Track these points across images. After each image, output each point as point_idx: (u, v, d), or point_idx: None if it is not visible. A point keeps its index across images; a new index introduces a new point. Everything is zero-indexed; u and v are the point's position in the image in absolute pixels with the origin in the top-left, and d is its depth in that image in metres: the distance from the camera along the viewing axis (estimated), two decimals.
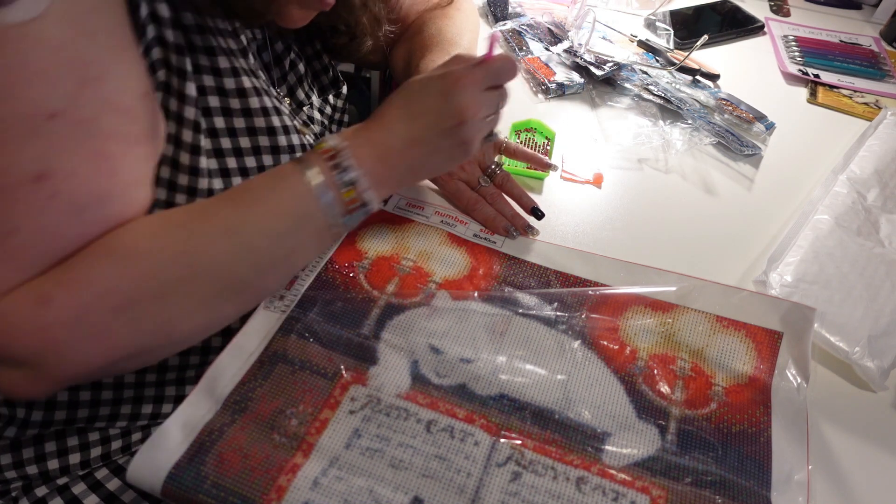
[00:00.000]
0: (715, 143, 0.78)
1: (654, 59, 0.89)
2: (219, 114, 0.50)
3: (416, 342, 0.50)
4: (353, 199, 0.45)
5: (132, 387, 0.54)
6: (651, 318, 0.54)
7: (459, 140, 0.46)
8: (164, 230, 0.41)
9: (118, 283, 0.38)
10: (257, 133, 0.52)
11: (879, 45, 1.01)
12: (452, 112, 0.45)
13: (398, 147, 0.46)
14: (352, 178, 0.44)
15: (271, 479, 0.41)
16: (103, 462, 0.54)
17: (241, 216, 0.43)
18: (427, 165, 0.49)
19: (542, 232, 0.62)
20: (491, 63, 0.47)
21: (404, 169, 0.48)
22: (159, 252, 0.40)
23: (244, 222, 0.43)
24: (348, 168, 0.44)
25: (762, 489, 0.43)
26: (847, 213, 0.65)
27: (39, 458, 0.52)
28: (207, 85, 0.49)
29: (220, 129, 0.50)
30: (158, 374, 0.55)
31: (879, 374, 0.51)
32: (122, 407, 0.54)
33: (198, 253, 0.41)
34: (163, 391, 0.56)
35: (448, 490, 0.41)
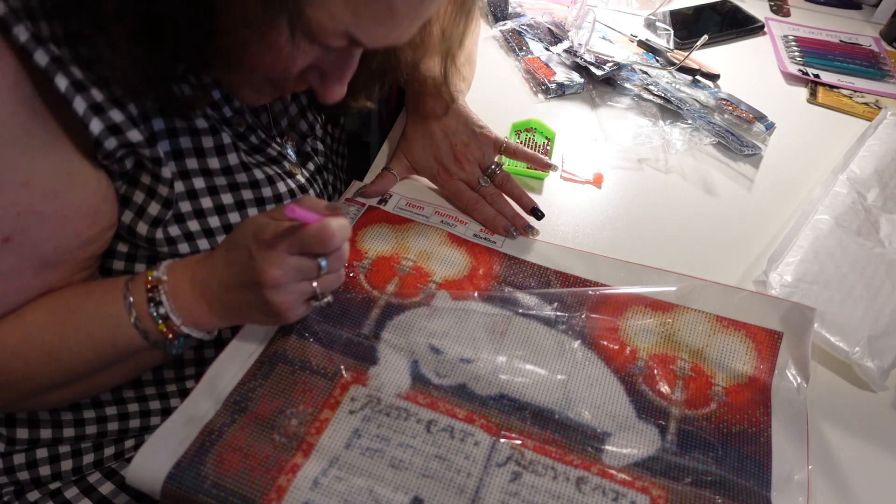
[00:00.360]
0: (715, 143, 0.78)
1: (654, 59, 0.89)
2: (197, 174, 0.49)
3: (416, 342, 0.50)
4: (167, 330, 0.45)
5: (112, 403, 0.54)
6: (651, 318, 0.54)
7: (263, 300, 0.43)
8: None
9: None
10: (240, 188, 0.52)
11: (879, 45, 1.01)
12: (253, 272, 0.42)
13: (215, 289, 0.45)
14: (163, 313, 0.44)
15: (271, 479, 0.41)
16: (96, 468, 0.54)
17: (63, 343, 0.44)
18: (244, 313, 0.46)
19: (542, 232, 0.62)
20: (296, 231, 0.42)
21: (223, 310, 0.46)
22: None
23: (66, 349, 0.44)
24: (161, 303, 0.44)
25: (762, 489, 0.43)
26: (847, 213, 0.65)
27: (31, 465, 0.52)
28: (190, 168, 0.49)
29: (200, 189, 0.50)
30: (136, 390, 0.55)
31: (879, 374, 0.51)
32: (109, 424, 0.55)
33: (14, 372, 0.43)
34: (147, 405, 0.56)
35: (448, 490, 0.41)
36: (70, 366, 0.44)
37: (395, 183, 0.65)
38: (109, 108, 0.40)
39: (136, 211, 0.47)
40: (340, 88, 0.46)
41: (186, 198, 0.49)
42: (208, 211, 0.50)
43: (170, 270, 0.46)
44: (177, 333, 0.45)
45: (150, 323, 0.44)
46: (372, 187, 0.63)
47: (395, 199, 0.64)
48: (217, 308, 0.46)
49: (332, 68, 0.45)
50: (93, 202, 0.44)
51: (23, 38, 0.36)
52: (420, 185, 0.67)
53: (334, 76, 0.45)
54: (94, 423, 0.54)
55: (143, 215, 0.47)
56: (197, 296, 0.45)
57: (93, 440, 0.54)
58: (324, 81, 0.46)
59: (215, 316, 0.46)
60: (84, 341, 0.44)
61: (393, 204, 0.63)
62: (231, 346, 0.48)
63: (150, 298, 0.44)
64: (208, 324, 0.46)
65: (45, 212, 0.41)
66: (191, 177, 0.48)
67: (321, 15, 0.37)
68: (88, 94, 0.39)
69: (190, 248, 0.49)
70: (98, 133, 0.40)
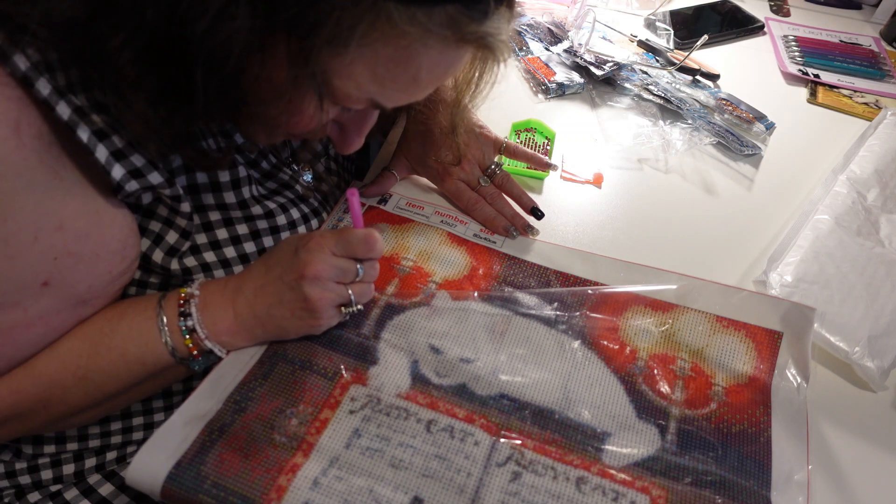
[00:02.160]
0: (715, 143, 0.78)
1: (654, 59, 0.89)
2: (213, 209, 0.50)
3: (416, 342, 0.50)
4: (193, 345, 0.46)
5: (119, 419, 0.55)
6: (651, 318, 0.54)
7: (301, 296, 0.45)
8: (28, 380, 0.44)
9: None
10: (254, 219, 0.52)
11: (879, 45, 1.01)
12: (295, 265, 0.45)
13: (248, 294, 0.46)
14: (190, 326, 0.45)
15: (271, 479, 0.41)
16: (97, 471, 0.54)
17: (97, 366, 0.45)
18: (273, 318, 0.47)
19: (542, 232, 0.62)
20: (344, 233, 0.46)
21: (249, 319, 0.46)
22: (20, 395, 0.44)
23: (100, 372, 0.45)
24: (189, 315, 0.46)
25: (762, 489, 0.43)
26: (847, 213, 0.65)
27: (33, 469, 0.53)
28: (206, 203, 0.49)
29: (216, 221, 0.50)
30: (143, 403, 0.55)
31: (879, 374, 0.51)
32: (112, 438, 0.55)
33: (53, 400, 0.45)
34: (152, 418, 0.56)
35: (448, 490, 0.41)
36: (102, 387, 0.46)
37: (395, 183, 0.65)
38: (130, 153, 0.41)
39: (153, 239, 0.48)
40: (359, 141, 0.48)
41: (202, 230, 0.49)
42: (224, 242, 0.50)
43: (203, 285, 0.47)
44: (201, 349, 0.46)
45: (178, 338, 0.45)
46: (372, 187, 0.63)
47: (395, 198, 0.64)
48: (244, 317, 0.46)
49: (351, 123, 0.47)
50: (121, 237, 0.45)
51: (45, 91, 0.36)
52: (420, 185, 0.67)
53: (353, 130, 0.47)
54: (98, 438, 0.54)
55: (160, 243, 0.48)
56: (226, 305, 0.47)
57: (95, 450, 0.54)
58: (343, 134, 0.48)
59: (240, 327, 0.47)
60: (117, 362, 0.45)
61: (393, 204, 0.63)
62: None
63: (182, 312, 0.46)
64: (230, 336, 0.47)
65: (79, 253, 0.42)
66: (206, 210, 0.49)
67: (348, 85, 0.38)
68: (110, 142, 0.40)
69: (205, 279, 0.49)
70: (119, 178, 0.41)
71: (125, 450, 0.55)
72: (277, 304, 0.46)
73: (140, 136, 0.40)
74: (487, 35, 0.38)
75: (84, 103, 0.38)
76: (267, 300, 0.46)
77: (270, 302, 0.46)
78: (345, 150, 0.49)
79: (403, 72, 0.38)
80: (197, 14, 0.33)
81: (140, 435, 0.56)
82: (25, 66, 0.36)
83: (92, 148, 0.39)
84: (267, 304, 0.46)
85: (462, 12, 0.36)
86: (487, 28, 0.38)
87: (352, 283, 0.47)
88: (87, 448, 0.54)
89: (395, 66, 0.38)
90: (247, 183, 0.51)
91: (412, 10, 0.34)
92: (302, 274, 0.44)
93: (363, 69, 0.37)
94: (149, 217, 0.47)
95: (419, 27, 0.35)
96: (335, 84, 0.38)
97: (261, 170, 0.54)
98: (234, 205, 0.50)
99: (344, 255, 0.46)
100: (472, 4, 0.36)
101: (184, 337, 0.45)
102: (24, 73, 0.36)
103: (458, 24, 0.36)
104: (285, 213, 0.54)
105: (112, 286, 0.46)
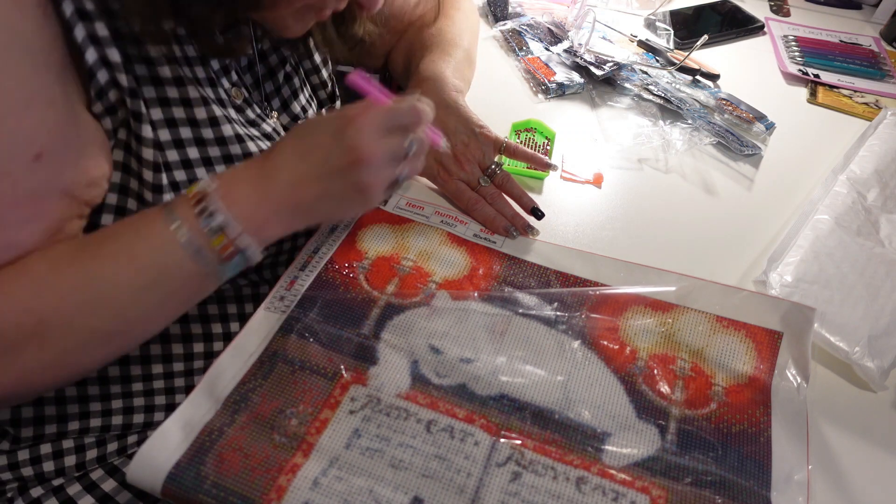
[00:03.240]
0: (715, 143, 0.78)
1: (654, 59, 0.89)
2: (191, 144, 0.48)
3: (416, 342, 0.50)
4: (224, 246, 0.41)
5: (120, 397, 0.54)
6: (651, 318, 0.54)
7: (354, 183, 0.42)
8: (16, 281, 0.39)
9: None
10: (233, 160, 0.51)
11: (879, 45, 1.01)
12: (344, 150, 0.41)
13: (283, 186, 0.42)
14: (220, 224, 0.41)
15: (271, 479, 0.41)
16: (99, 464, 0.54)
17: (97, 269, 0.40)
18: (318, 208, 0.44)
19: (542, 232, 0.62)
20: (389, 109, 0.43)
21: (290, 210, 0.43)
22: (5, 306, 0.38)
23: (99, 276, 0.40)
24: (215, 213, 0.41)
25: (762, 489, 0.43)
26: (847, 213, 0.65)
27: (35, 461, 0.53)
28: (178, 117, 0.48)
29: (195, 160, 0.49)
30: (144, 383, 0.55)
31: (879, 374, 0.51)
32: (114, 418, 0.55)
33: (44, 309, 0.39)
34: (153, 400, 0.56)
35: (448, 490, 0.41)
36: (112, 299, 0.40)
37: None
38: (107, 45, 0.41)
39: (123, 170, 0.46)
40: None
41: (174, 146, 0.47)
42: (195, 162, 0.48)
43: (218, 177, 0.43)
44: (237, 246, 0.41)
45: (203, 240, 0.40)
46: None
47: (394, 198, 0.64)
48: (282, 208, 0.43)
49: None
50: (98, 142, 0.44)
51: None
52: (420, 185, 0.67)
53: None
54: (99, 416, 0.54)
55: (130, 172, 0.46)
56: (259, 198, 0.42)
57: (96, 434, 0.54)
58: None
59: (279, 218, 0.43)
60: (126, 266, 0.40)
61: (393, 204, 0.63)
62: (232, 346, 0.48)
63: (202, 210, 0.40)
64: (270, 229, 0.43)
65: (67, 136, 0.40)
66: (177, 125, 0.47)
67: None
68: (91, 26, 0.40)
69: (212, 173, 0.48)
70: (92, 62, 0.41)
71: (126, 440, 0.55)
72: (324, 193, 0.43)
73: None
74: None
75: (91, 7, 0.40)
76: (312, 190, 0.42)
77: (316, 192, 0.43)
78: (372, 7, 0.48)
79: None
80: None
81: (140, 418, 0.56)
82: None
83: (73, 24, 0.39)
84: (313, 195, 0.43)
85: None
86: None
87: (403, 159, 0.44)
88: (88, 428, 0.53)
89: None
90: (217, 104, 0.49)
91: None
92: (356, 159, 0.41)
93: None
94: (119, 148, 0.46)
95: None
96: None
97: (245, 116, 0.54)
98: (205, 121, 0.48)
99: (394, 131, 0.43)
100: None
101: (210, 238, 0.40)
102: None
103: None
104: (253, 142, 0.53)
105: (87, 191, 0.43)
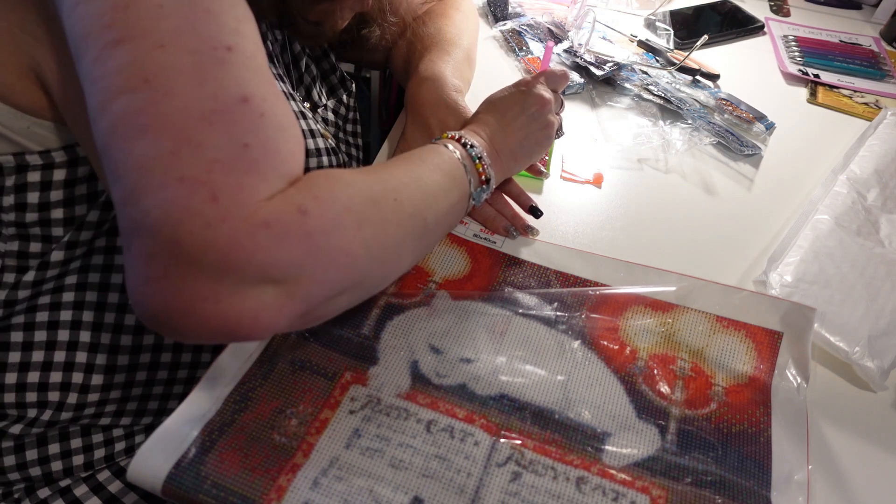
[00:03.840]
0: (715, 143, 0.78)
1: (654, 59, 0.89)
2: None
3: (416, 342, 0.50)
4: (482, 171, 0.53)
5: (141, 385, 0.55)
6: (651, 318, 0.54)
7: (544, 122, 0.56)
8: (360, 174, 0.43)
9: (351, 203, 0.39)
10: None
11: (879, 45, 1.01)
12: (533, 100, 0.56)
13: (499, 134, 0.55)
14: (478, 153, 0.53)
15: (271, 479, 0.41)
16: (106, 464, 0.54)
17: (417, 172, 0.48)
18: (525, 149, 0.57)
19: (542, 232, 0.62)
20: (549, 73, 0.59)
21: (508, 153, 0.56)
22: (370, 186, 0.42)
23: (421, 177, 0.48)
24: (474, 146, 0.53)
25: (762, 489, 0.43)
26: (847, 213, 0.65)
27: (43, 460, 0.53)
28: None
29: None
30: (170, 372, 0.55)
31: (879, 374, 0.51)
32: (129, 404, 0.55)
33: (398, 190, 0.45)
34: (171, 389, 0.56)
35: (448, 490, 0.41)
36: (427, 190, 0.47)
37: None
38: None
39: None
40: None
41: None
42: None
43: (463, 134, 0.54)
44: (487, 175, 0.53)
45: (469, 162, 0.52)
46: None
47: None
48: (503, 151, 0.55)
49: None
50: None
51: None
52: None
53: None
54: (116, 402, 0.54)
55: None
56: (486, 144, 0.54)
57: (111, 417, 0.55)
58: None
59: (501, 163, 0.55)
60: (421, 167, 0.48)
61: None
62: (232, 345, 0.48)
63: (465, 143, 0.52)
64: (499, 169, 0.55)
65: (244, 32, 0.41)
66: None
67: None
68: None
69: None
70: None
71: (133, 439, 0.56)
72: (526, 136, 0.56)
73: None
74: None
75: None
76: (518, 135, 0.56)
77: (521, 136, 0.56)
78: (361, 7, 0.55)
79: None
80: None
81: (150, 420, 0.56)
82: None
83: None
84: (519, 139, 0.56)
85: None
86: None
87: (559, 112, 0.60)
88: (103, 412, 0.54)
89: None
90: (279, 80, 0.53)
91: None
92: (542, 103, 0.56)
93: None
94: None
95: None
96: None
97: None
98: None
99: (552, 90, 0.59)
100: None
101: (475, 161, 0.52)
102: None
103: None
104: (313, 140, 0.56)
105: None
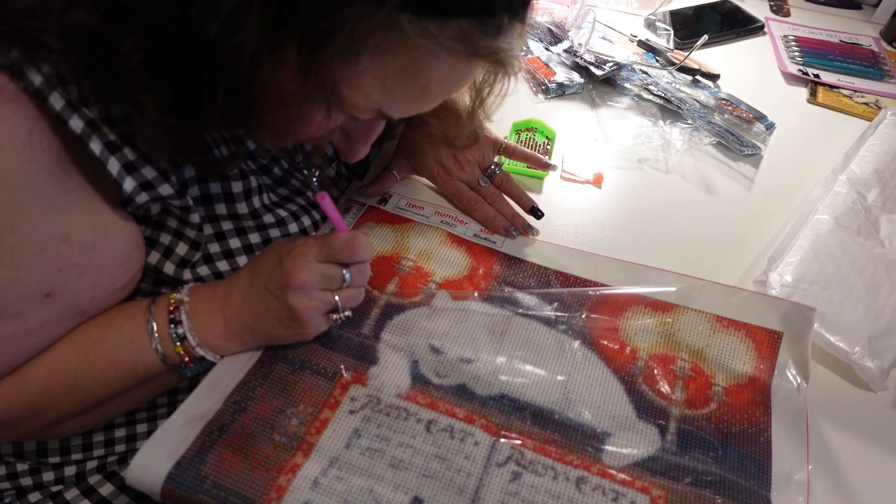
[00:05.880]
0: (715, 143, 0.78)
1: (654, 59, 0.89)
2: (226, 218, 0.50)
3: (416, 342, 0.50)
4: (184, 353, 0.45)
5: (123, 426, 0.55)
6: (651, 318, 0.54)
7: (286, 305, 0.44)
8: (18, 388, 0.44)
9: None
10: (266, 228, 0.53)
11: (879, 45, 1.01)
12: (279, 274, 0.44)
13: (235, 302, 0.46)
14: (181, 333, 0.45)
15: (271, 479, 0.41)
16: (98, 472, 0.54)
17: (87, 373, 0.44)
18: (261, 326, 0.46)
19: (542, 232, 0.62)
20: (327, 238, 0.45)
21: (239, 326, 0.46)
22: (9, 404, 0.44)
23: (89, 378, 0.45)
24: (180, 322, 0.45)
25: (762, 489, 0.43)
26: (847, 213, 0.65)
27: (34, 471, 0.52)
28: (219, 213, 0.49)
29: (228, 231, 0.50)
30: (149, 411, 0.55)
31: (879, 374, 0.51)
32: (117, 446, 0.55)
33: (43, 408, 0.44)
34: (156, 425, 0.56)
35: (448, 490, 0.41)
36: (92, 394, 0.45)
37: (396, 182, 0.65)
38: (141, 166, 0.41)
39: (162, 252, 0.48)
40: (364, 149, 0.48)
41: (215, 239, 0.50)
42: (237, 251, 0.51)
43: (192, 291, 0.47)
44: (192, 356, 0.46)
45: (169, 345, 0.45)
46: (372, 187, 0.63)
47: (395, 198, 0.64)
48: (233, 324, 0.46)
49: (357, 132, 0.47)
50: (125, 250, 0.45)
51: (58, 106, 0.36)
52: (420, 185, 0.67)
53: (359, 139, 0.47)
54: (102, 447, 0.54)
55: (170, 256, 0.48)
56: (215, 312, 0.46)
57: (98, 456, 0.54)
58: (349, 142, 0.48)
59: (230, 333, 0.46)
60: (107, 369, 0.45)
61: (393, 204, 0.63)
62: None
63: (172, 319, 0.45)
64: (222, 342, 0.46)
65: (83, 264, 0.42)
66: (219, 220, 0.49)
67: (357, 95, 0.38)
68: (122, 154, 0.40)
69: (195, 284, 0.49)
70: (130, 191, 0.41)
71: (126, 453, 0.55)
72: (264, 312, 0.45)
73: (152, 144, 0.40)
74: (500, 50, 0.37)
75: (96, 116, 0.38)
76: (254, 308, 0.45)
77: (258, 311, 0.45)
78: (350, 158, 0.48)
79: (413, 84, 0.38)
80: (208, 19, 0.33)
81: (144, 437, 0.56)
82: (39, 81, 0.36)
83: (104, 160, 0.39)
84: (255, 313, 0.46)
85: (475, 27, 0.35)
86: (500, 43, 0.37)
87: (339, 289, 0.46)
88: (90, 458, 0.54)
89: (405, 78, 0.37)
90: (258, 192, 0.51)
91: (425, 24, 0.34)
92: (286, 283, 0.43)
93: (373, 80, 0.37)
94: (158, 229, 0.47)
95: (431, 40, 0.35)
96: (344, 94, 0.38)
97: (272, 175, 0.54)
98: (246, 215, 0.50)
99: (329, 261, 0.45)
100: (485, 19, 0.35)
101: (175, 344, 0.45)
102: (37, 87, 0.36)
103: (470, 39, 0.36)
104: (297, 221, 0.55)
105: (114, 297, 0.46)
